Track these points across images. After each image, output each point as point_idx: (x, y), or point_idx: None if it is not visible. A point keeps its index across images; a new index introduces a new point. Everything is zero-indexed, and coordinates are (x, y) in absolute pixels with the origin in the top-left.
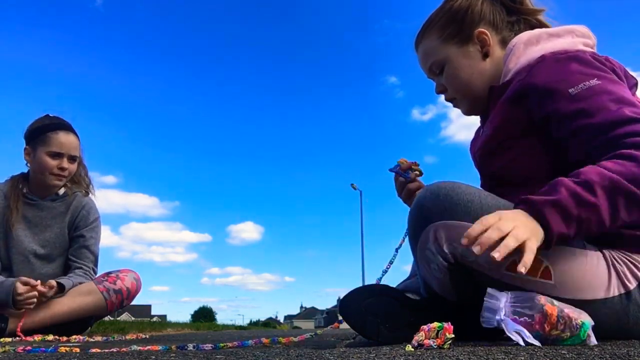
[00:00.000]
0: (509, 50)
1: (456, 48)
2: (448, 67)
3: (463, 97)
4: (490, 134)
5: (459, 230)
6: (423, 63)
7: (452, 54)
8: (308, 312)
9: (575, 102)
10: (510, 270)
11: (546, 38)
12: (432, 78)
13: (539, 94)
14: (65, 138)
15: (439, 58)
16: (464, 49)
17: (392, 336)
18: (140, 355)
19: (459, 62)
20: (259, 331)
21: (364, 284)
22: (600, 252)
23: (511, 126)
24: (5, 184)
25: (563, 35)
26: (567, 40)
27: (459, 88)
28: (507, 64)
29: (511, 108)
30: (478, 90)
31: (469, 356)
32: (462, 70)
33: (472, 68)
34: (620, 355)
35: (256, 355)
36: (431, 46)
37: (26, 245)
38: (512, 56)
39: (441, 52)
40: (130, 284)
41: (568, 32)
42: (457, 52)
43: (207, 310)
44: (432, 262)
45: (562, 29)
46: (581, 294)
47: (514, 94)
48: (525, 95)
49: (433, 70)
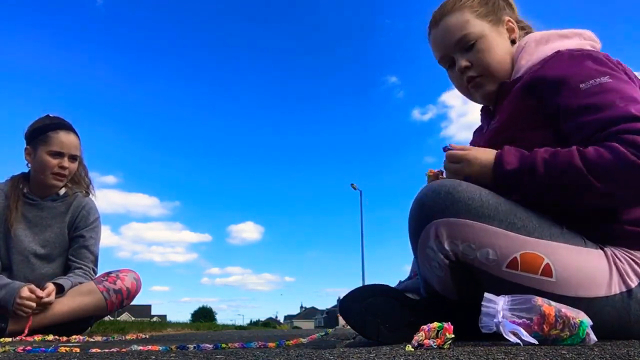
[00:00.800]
0: (521, 48)
1: (490, 25)
2: (482, 42)
3: (492, 73)
4: (500, 126)
5: (460, 228)
6: (449, 37)
7: (487, 29)
8: (308, 312)
9: (585, 97)
10: (511, 268)
11: (556, 38)
12: (452, 55)
13: (550, 85)
14: (65, 137)
15: (473, 31)
16: (496, 27)
17: (392, 336)
18: (140, 355)
19: (494, 38)
20: (259, 331)
21: (364, 284)
22: (602, 250)
23: (522, 118)
24: (5, 183)
25: (572, 37)
26: (575, 42)
27: (490, 63)
28: (519, 61)
29: (523, 99)
30: (505, 72)
31: (469, 356)
32: (497, 47)
33: (505, 47)
34: (620, 355)
35: (256, 355)
36: (464, 19)
37: (26, 245)
38: (523, 53)
39: (476, 26)
40: (130, 284)
41: (576, 34)
42: (492, 30)
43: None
44: (433, 260)
45: (570, 31)
46: (582, 291)
47: (526, 85)
48: (537, 85)
49: (462, 44)
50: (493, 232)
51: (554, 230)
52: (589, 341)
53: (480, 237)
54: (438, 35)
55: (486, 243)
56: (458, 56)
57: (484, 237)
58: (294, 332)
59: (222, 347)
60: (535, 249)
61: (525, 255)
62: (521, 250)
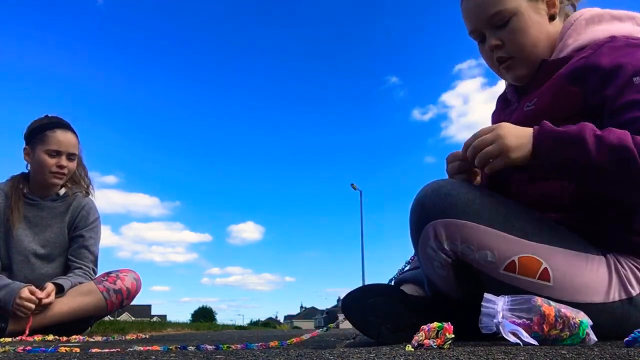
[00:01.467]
0: (569, 25)
1: (527, 1)
2: (517, 20)
3: (525, 56)
4: (538, 110)
5: (459, 229)
6: (480, 11)
7: (523, 6)
8: (308, 312)
9: (636, 92)
10: (508, 270)
11: (609, 19)
12: (484, 31)
13: (601, 75)
14: (63, 136)
15: (508, 7)
16: (534, 4)
17: (393, 336)
18: (140, 355)
19: (530, 17)
20: (259, 331)
21: (365, 284)
22: (604, 257)
23: (564, 105)
24: (5, 183)
25: (625, 20)
26: (627, 26)
27: (524, 45)
28: (566, 39)
29: (568, 85)
30: (541, 52)
31: (469, 356)
32: (532, 26)
33: (541, 26)
34: (620, 355)
35: (256, 355)
36: None
37: (26, 245)
38: (572, 31)
39: (511, 2)
40: (130, 284)
41: (630, 17)
42: (528, 6)
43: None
44: (434, 259)
45: (624, 13)
46: (579, 296)
47: (574, 70)
48: (587, 73)
49: (494, 20)
50: (492, 234)
51: (553, 235)
52: (589, 341)
53: (479, 238)
54: (470, 8)
55: (485, 245)
56: (489, 33)
57: (483, 238)
58: (294, 332)
59: (223, 348)
60: (534, 253)
61: (523, 259)
62: (519, 254)
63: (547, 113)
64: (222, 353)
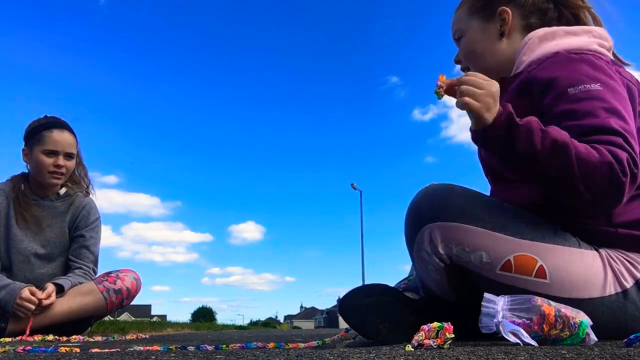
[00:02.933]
0: (524, 44)
1: (478, 23)
2: (465, 39)
3: (474, 69)
4: None
5: (453, 232)
6: (451, 29)
7: (472, 27)
8: (308, 312)
9: (569, 102)
10: (505, 270)
11: (562, 35)
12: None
13: (541, 87)
14: (59, 136)
15: (461, 27)
16: (484, 25)
17: (391, 336)
18: (140, 355)
19: (475, 36)
20: (259, 331)
21: (364, 284)
22: (596, 251)
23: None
24: (6, 183)
25: (580, 34)
26: (582, 39)
27: (471, 60)
28: (521, 56)
29: (516, 99)
30: (489, 67)
31: (469, 356)
32: (476, 45)
33: (485, 44)
34: (620, 355)
35: (256, 355)
36: (459, 16)
37: (26, 245)
38: (526, 49)
39: (465, 23)
40: (130, 284)
41: (585, 31)
42: (477, 27)
43: (207, 310)
44: (429, 263)
45: (579, 28)
46: (576, 292)
47: (521, 84)
48: (530, 87)
49: (455, 38)
50: (486, 235)
51: (547, 232)
52: (589, 341)
53: (474, 240)
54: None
55: (480, 246)
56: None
57: (478, 240)
58: (294, 332)
59: (223, 348)
60: (529, 251)
61: (518, 258)
62: (515, 253)
63: None
64: (222, 353)
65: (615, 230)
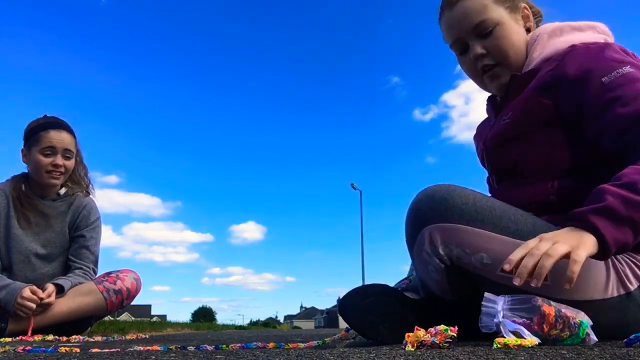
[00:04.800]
0: (533, 40)
1: (507, 12)
2: (500, 29)
3: (509, 63)
4: (512, 121)
5: (454, 233)
6: (466, 20)
7: (505, 16)
8: (308, 312)
9: (609, 91)
10: (505, 272)
11: (569, 31)
12: (466, 41)
13: (570, 84)
14: (56, 135)
15: (491, 16)
16: (513, 15)
17: (391, 336)
18: (140, 355)
19: (512, 26)
20: (259, 331)
21: (364, 284)
22: None
23: (536, 115)
24: (6, 183)
25: (585, 29)
26: (588, 35)
27: (507, 52)
28: (531, 53)
29: (539, 97)
30: (521, 60)
31: (469, 356)
32: (514, 35)
33: (521, 36)
34: (620, 355)
35: (256, 355)
36: (482, 3)
37: (27, 245)
38: (536, 45)
39: (494, 12)
40: (130, 284)
41: (590, 27)
42: (509, 17)
43: (206, 310)
44: (429, 264)
45: (584, 23)
46: (577, 294)
47: (544, 83)
48: (556, 85)
49: (479, 29)
50: (487, 237)
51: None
52: (589, 341)
53: (474, 241)
54: (453, 18)
55: (480, 247)
56: (474, 42)
57: (478, 241)
58: (294, 332)
59: (223, 348)
60: None
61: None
62: None
63: (523, 124)
64: (222, 353)
65: None
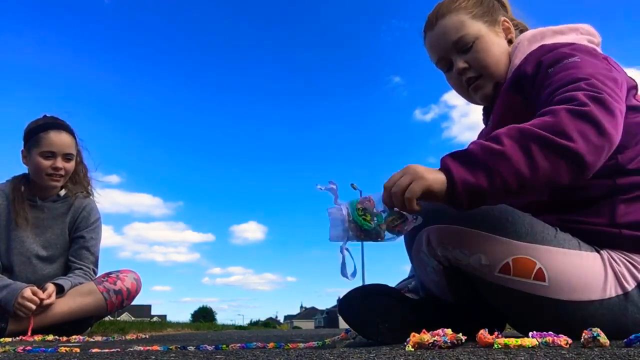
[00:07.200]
0: (514, 48)
1: (486, 26)
2: (480, 42)
3: (490, 74)
4: (494, 124)
5: (451, 235)
6: (445, 38)
7: (484, 30)
8: (308, 312)
9: (548, 79)
10: (503, 273)
11: (550, 35)
12: (449, 57)
13: (528, 79)
14: (56, 137)
15: (470, 31)
16: (492, 28)
17: (391, 336)
18: (140, 355)
19: (492, 39)
20: (259, 331)
21: (364, 284)
22: (597, 253)
23: (512, 114)
24: (6, 184)
25: (567, 32)
26: (571, 37)
27: (487, 65)
28: (513, 60)
29: (510, 96)
30: (503, 69)
31: (469, 356)
32: (494, 47)
33: (502, 48)
34: (620, 355)
35: (256, 355)
36: (460, 20)
37: (28, 246)
38: (517, 52)
39: (473, 27)
40: (131, 285)
41: (572, 29)
42: (488, 30)
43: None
44: (428, 265)
45: (566, 26)
46: (576, 294)
47: (512, 82)
48: (519, 80)
49: (459, 45)
50: (484, 238)
51: (546, 234)
52: None
53: (472, 243)
54: (434, 38)
55: (478, 249)
56: (456, 58)
57: (476, 242)
58: (294, 332)
59: (223, 348)
60: (527, 254)
61: (517, 260)
62: (513, 255)
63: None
64: (222, 353)
65: (619, 231)
